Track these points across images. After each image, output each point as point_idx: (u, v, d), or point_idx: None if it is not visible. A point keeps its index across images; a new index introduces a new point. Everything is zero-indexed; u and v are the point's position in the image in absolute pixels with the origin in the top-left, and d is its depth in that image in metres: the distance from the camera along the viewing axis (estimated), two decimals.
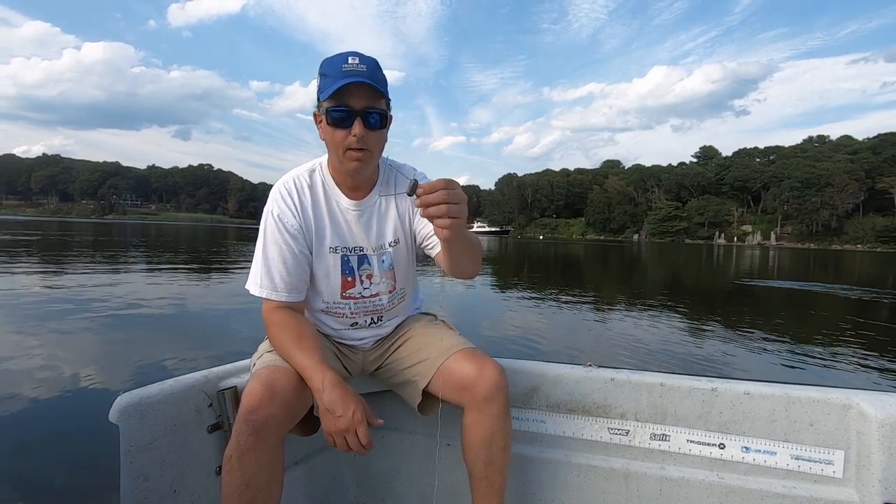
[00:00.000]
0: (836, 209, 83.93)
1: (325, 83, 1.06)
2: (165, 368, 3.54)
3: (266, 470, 0.96)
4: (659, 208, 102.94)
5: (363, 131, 1.05)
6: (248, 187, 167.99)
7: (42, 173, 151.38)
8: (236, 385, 1.19)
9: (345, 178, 1.17)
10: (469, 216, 0.93)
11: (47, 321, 4.92)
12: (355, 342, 1.30)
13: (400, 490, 1.46)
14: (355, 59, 1.05)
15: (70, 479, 2.04)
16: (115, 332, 4.67)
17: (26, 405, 2.76)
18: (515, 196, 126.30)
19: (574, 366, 1.34)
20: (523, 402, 1.34)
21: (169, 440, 1.09)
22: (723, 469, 1.21)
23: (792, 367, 4.33)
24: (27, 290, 6.83)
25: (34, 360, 3.58)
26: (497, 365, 1.16)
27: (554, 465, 1.31)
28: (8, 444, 2.32)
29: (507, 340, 5.04)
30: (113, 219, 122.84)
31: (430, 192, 0.86)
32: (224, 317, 5.70)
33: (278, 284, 1.12)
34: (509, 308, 7.27)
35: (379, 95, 1.07)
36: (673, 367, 4.19)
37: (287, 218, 1.14)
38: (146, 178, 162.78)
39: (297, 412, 1.06)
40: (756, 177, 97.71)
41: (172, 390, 1.11)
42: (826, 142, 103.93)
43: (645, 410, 1.26)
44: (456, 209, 0.87)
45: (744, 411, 1.18)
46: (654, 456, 1.26)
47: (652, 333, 5.60)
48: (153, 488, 1.05)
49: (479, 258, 1.13)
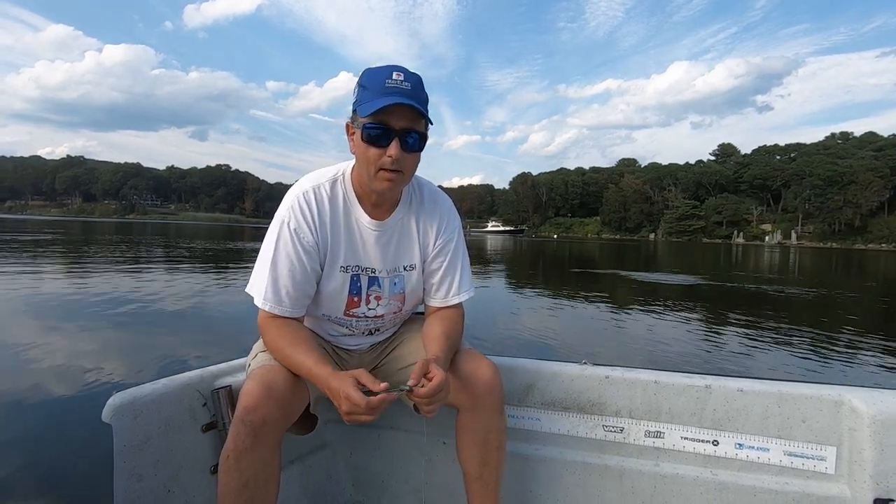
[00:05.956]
0: (860, 207, 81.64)
1: (365, 96, 1.02)
2: (160, 367, 3.54)
3: (263, 469, 0.96)
4: (676, 207, 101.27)
5: (400, 153, 1.02)
6: (264, 187, 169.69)
7: (66, 174, 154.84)
8: (231, 384, 1.19)
9: (369, 194, 1.13)
10: (483, 216, 0.95)
11: (46, 320, 4.98)
12: (351, 347, 1.31)
13: (395, 489, 1.47)
14: (400, 75, 1.00)
15: (62, 480, 2.02)
16: (111, 330, 4.70)
17: (18, 404, 2.75)
18: (530, 195, 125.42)
19: (568, 364, 1.34)
20: (518, 401, 1.35)
21: (163, 440, 1.08)
22: (716, 466, 1.21)
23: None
24: (27, 289, 6.82)
25: (27, 357, 3.59)
26: (491, 364, 1.16)
27: (549, 463, 1.32)
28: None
29: (504, 338, 5.04)
30: (134, 218, 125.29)
31: (428, 396, 0.95)
32: (223, 316, 5.71)
33: (283, 299, 1.09)
34: (509, 307, 7.25)
35: (420, 117, 1.04)
36: (681, 363, 4.17)
37: (303, 232, 1.09)
38: (166, 178, 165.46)
39: (293, 411, 1.06)
40: (776, 175, 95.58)
41: (166, 389, 1.10)
42: (849, 138, 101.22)
43: (639, 408, 1.27)
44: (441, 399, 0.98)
45: (737, 408, 1.19)
46: (648, 453, 1.27)
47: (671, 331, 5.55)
48: (147, 488, 1.06)
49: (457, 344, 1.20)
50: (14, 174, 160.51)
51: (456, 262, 1.25)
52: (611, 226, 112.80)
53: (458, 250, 1.25)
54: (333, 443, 1.49)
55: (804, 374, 4.17)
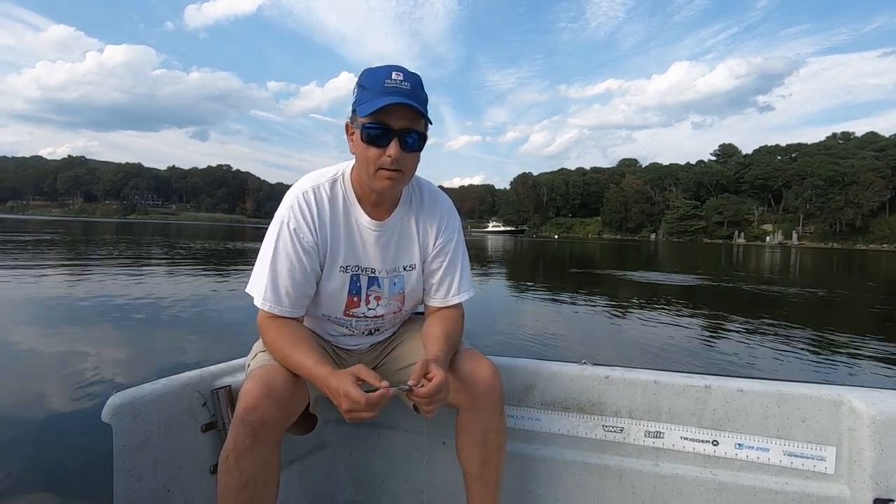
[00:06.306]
0: (861, 208, 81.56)
1: (364, 96, 1.02)
2: (160, 367, 3.53)
3: (263, 469, 0.96)
4: (677, 207, 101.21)
5: (399, 153, 1.02)
6: (265, 188, 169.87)
7: (67, 175, 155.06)
8: (230, 384, 1.19)
9: (369, 194, 1.14)
10: (484, 216, 0.95)
11: (47, 320, 4.98)
12: (351, 347, 1.31)
13: (395, 489, 1.47)
14: (399, 74, 1.00)
15: (62, 480, 2.01)
16: (111, 330, 4.70)
17: (18, 404, 2.75)
18: (530, 195, 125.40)
19: (568, 364, 1.34)
20: (518, 401, 1.35)
21: (162, 440, 1.09)
22: (716, 466, 1.21)
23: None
24: (28, 289, 6.82)
25: (28, 358, 3.60)
26: (491, 364, 1.16)
27: (549, 463, 1.32)
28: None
29: (504, 338, 5.04)
30: (135, 219, 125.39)
31: (428, 396, 0.95)
32: (223, 316, 5.71)
33: (283, 299, 1.09)
34: (510, 308, 7.27)
35: (419, 116, 1.04)
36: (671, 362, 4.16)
37: (303, 233, 1.10)
38: (167, 178, 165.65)
39: (293, 411, 1.06)
40: (777, 175, 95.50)
41: (166, 389, 1.11)
42: (851, 139, 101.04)
43: (639, 408, 1.26)
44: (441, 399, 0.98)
45: (737, 408, 1.19)
46: (648, 453, 1.27)
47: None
48: (147, 488, 1.06)
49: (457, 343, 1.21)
50: (15, 174, 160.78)
51: (456, 262, 1.25)
52: (612, 226, 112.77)
53: (457, 250, 1.26)
54: (333, 443, 1.49)
55: (804, 374, 4.16)
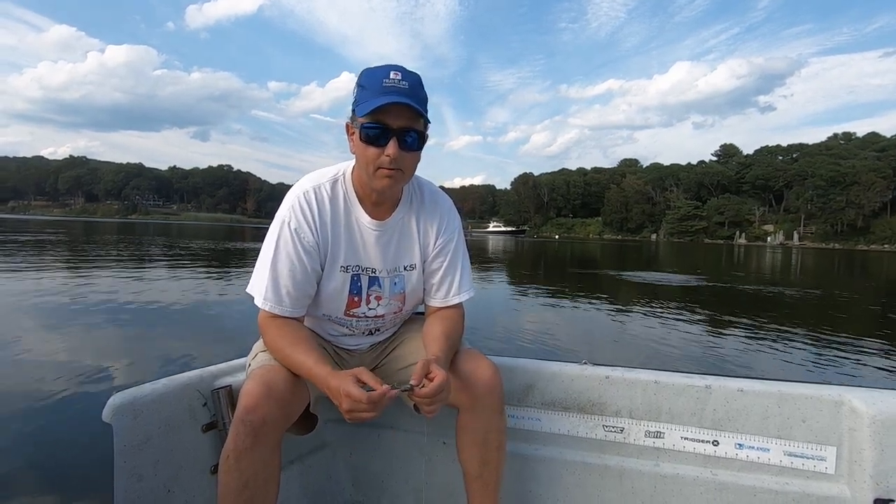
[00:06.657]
0: (863, 208, 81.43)
1: (363, 96, 1.02)
2: (160, 367, 3.54)
3: (264, 469, 0.96)
4: (677, 207, 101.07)
5: (398, 152, 1.02)
6: (266, 188, 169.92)
7: (69, 175, 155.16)
8: (231, 384, 1.19)
9: (370, 193, 1.14)
10: (484, 216, 0.95)
11: (47, 320, 4.99)
12: (351, 347, 1.31)
13: (395, 488, 1.47)
14: (398, 74, 1.01)
15: (62, 480, 2.02)
16: (112, 330, 4.71)
17: (18, 404, 2.75)
18: (531, 195, 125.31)
19: (568, 364, 1.34)
20: (518, 401, 1.35)
21: (163, 440, 1.09)
22: (716, 466, 1.21)
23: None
24: (28, 289, 6.81)
25: (28, 357, 3.60)
26: (491, 364, 1.16)
27: (549, 463, 1.32)
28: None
29: (504, 338, 5.05)
30: (136, 219, 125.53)
31: (430, 396, 0.94)
32: (224, 316, 5.71)
33: (284, 299, 1.09)
34: (510, 308, 7.26)
35: (418, 116, 1.04)
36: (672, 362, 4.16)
37: (304, 232, 1.10)
38: (168, 178, 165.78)
39: (293, 411, 1.06)
40: (778, 175, 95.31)
41: (166, 389, 1.11)
42: (852, 139, 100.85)
43: (639, 408, 1.26)
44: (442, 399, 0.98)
45: (737, 408, 1.19)
46: (648, 453, 1.26)
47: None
48: (147, 488, 1.06)
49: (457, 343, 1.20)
50: (17, 174, 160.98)
51: (456, 262, 1.25)
52: (612, 226, 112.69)
53: (458, 250, 1.26)
54: (333, 443, 1.49)
55: (804, 374, 4.16)
